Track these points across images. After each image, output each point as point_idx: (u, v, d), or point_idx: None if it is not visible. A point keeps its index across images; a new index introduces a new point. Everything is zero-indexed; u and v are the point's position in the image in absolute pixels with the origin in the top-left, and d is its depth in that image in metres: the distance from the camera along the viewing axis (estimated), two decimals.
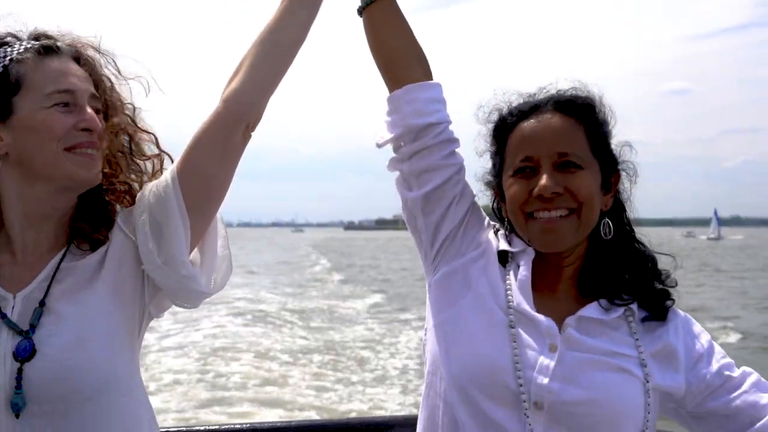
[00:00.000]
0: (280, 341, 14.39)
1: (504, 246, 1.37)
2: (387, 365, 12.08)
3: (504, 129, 1.38)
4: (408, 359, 12.47)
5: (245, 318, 17.40)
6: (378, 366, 12.04)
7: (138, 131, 1.42)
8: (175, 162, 1.34)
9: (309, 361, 12.43)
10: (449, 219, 1.40)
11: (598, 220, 1.32)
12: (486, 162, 1.45)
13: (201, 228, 1.36)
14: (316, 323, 17.24)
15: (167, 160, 1.45)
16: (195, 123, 1.36)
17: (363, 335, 15.41)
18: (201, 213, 1.33)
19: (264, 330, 15.79)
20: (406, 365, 11.99)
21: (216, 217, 1.40)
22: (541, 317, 1.27)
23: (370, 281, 29.68)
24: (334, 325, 16.96)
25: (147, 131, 1.43)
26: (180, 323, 15.48)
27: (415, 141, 1.39)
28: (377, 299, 22.34)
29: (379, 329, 16.18)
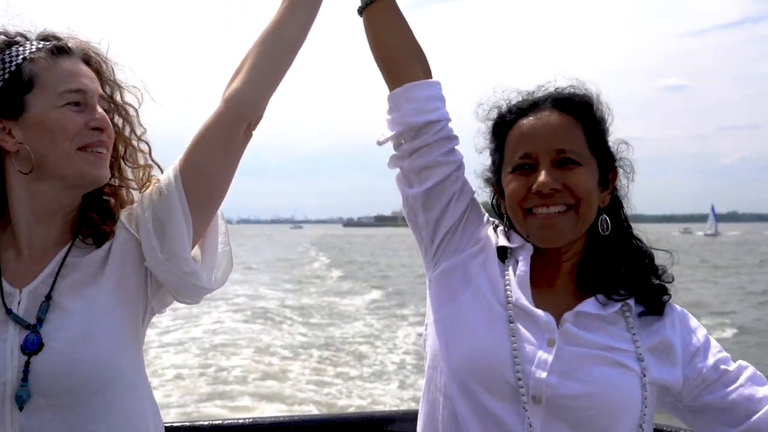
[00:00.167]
0: (279, 337, 14.41)
1: (503, 242, 1.39)
2: (385, 360, 12.13)
3: (503, 126, 1.39)
4: (405, 354, 12.52)
5: (245, 314, 17.41)
6: (376, 361, 12.08)
7: (135, 138, 1.43)
8: (178, 160, 1.35)
9: (309, 356, 12.47)
10: (449, 215, 1.41)
11: (595, 216, 1.33)
12: (485, 159, 1.46)
13: (203, 225, 1.38)
14: (315, 319, 17.25)
15: (156, 170, 1.44)
16: (195, 122, 1.37)
17: (362, 331, 15.44)
18: (203, 210, 1.35)
19: (263, 326, 15.81)
20: (403, 360, 12.04)
21: (217, 214, 1.42)
22: (540, 312, 1.28)
23: (369, 278, 29.68)
24: (333, 321, 16.98)
25: (144, 140, 1.44)
26: (180, 319, 15.50)
27: (416, 138, 1.40)
28: (376, 296, 22.34)
29: (378, 325, 16.21)
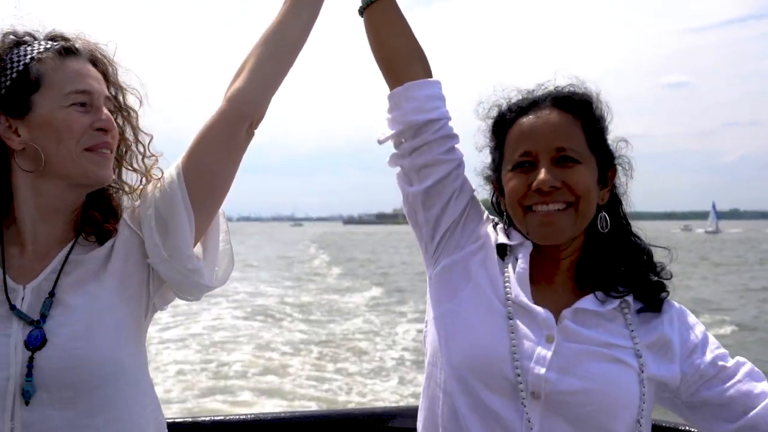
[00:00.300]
0: (279, 334, 14.44)
1: (503, 239, 1.40)
2: (385, 356, 12.19)
3: (503, 124, 1.40)
4: (404, 350, 12.60)
5: (245, 311, 17.44)
6: (375, 357, 12.14)
7: (135, 140, 1.44)
8: (180, 159, 1.36)
9: (308, 353, 12.53)
10: (449, 213, 1.42)
11: (594, 213, 1.34)
12: (485, 157, 1.47)
13: (205, 222, 1.39)
14: (315, 316, 17.27)
15: (157, 170, 1.44)
16: (195, 121, 1.37)
17: (361, 327, 15.48)
18: (205, 208, 1.36)
19: (264, 323, 15.84)
20: (402, 356, 12.11)
21: (218, 213, 1.43)
22: (539, 309, 1.29)
23: (369, 275, 29.70)
24: (333, 318, 17.01)
25: (142, 142, 1.45)
26: (180, 316, 15.55)
27: (416, 137, 1.41)
28: (376, 293, 22.37)
29: (378, 321, 16.25)
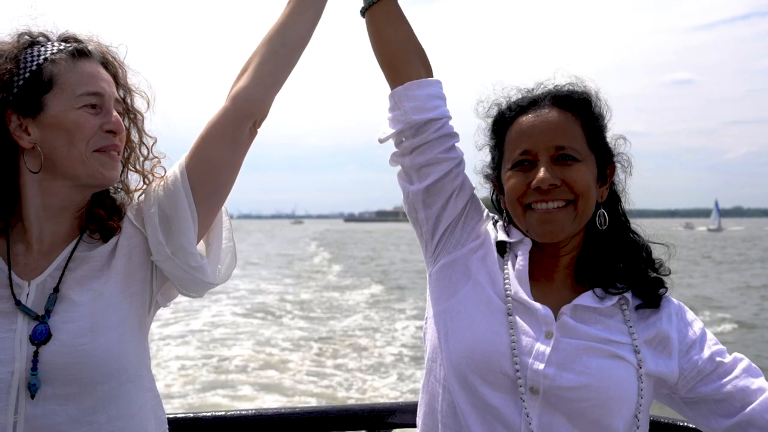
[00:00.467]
0: (279, 331, 14.49)
1: (502, 237, 1.41)
2: (384, 353, 12.28)
3: (503, 123, 1.41)
4: (403, 347, 12.69)
5: (245, 308, 17.48)
6: (375, 353, 12.23)
7: (140, 143, 1.45)
8: (184, 157, 1.38)
9: (308, 349, 12.59)
10: (449, 211, 1.43)
11: (594, 210, 1.36)
12: (485, 156, 1.48)
13: (208, 220, 1.40)
14: (315, 313, 17.31)
15: (159, 169, 1.46)
16: (196, 120, 1.38)
17: (361, 324, 15.52)
18: (208, 206, 1.38)
19: (264, 321, 15.88)
20: (401, 352, 12.23)
21: (221, 211, 1.45)
22: (538, 305, 1.30)
23: (369, 273, 29.73)
24: (333, 315, 17.05)
25: (146, 145, 1.46)
26: (181, 312, 15.61)
27: (416, 136, 1.42)
28: (375, 290, 22.41)
29: (377, 318, 16.30)
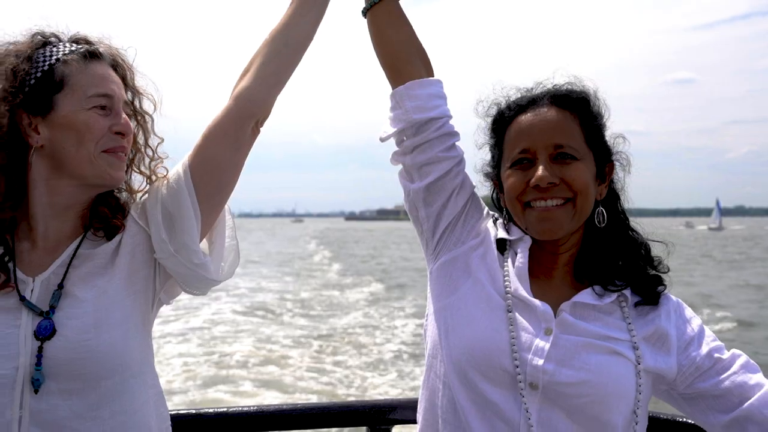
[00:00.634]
0: (280, 329, 14.52)
1: (502, 234, 1.42)
2: (383, 350, 12.36)
3: (502, 122, 1.42)
4: (402, 344, 12.76)
5: (246, 306, 17.51)
6: (374, 351, 12.29)
7: (147, 146, 1.47)
8: (187, 156, 1.40)
9: (308, 346, 12.64)
10: (450, 209, 1.45)
11: (592, 208, 1.37)
12: (485, 154, 1.49)
13: (211, 218, 1.42)
14: (315, 311, 17.34)
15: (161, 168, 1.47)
16: (198, 120, 1.39)
17: (361, 321, 15.56)
18: (211, 204, 1.39)
19: (264, 319, 15.91)
20: (400, 349, 12.31)
21: (225, 209, 1.46)
22: (537, 302, 1.32)
23: (370, 271, 29.75)
24: (334, 312, 17.08)
25: (151, 147, 1.47)
26: (181, 309, 15.67)
27: (417, 135, 1.44)
28: (375, 289, 22.43)
29: (377, 316, 16.34)
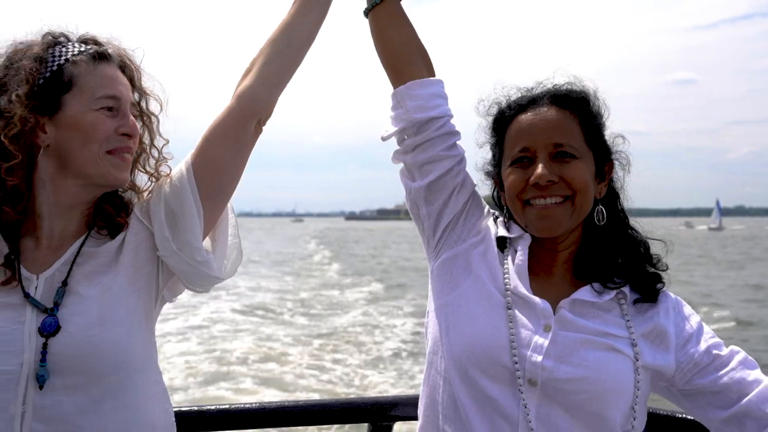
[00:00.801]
0: (280, 328, 14.55)
1: (502, 232, 1.44)
2: (382, 348, 12.43)
3: (503, 121, 1.44)
4: (402, 343, 12.83)
5: (246, 305, 17.53)
6: (373, 349, 12.36)
7: (151, 145, 1.48)
8: (190, 154, 1.41)
9: (308, 345, 12.68)
10: (450, 207, 1.46)
11: (592, 207, 1.38)
12: (486, 153, 1.51)
13: (214, 216, 1.43)
14: (315, 311, 17.36)
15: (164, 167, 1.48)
16: (201, 120, 1.40)
17: (360, 320, 15.60)
18: (214, 202, 1.40)
19: (264, 318, 15.94)
20: (399, 347, 12.39)
21: (227, 208, 1.47)
22: (537, 299, 1.33)
23: (370, 270, 29.78)
24: (334, 311, 17.10)
25: (156, 147, 1.48)
26: (180, 308, 15.69)
27: (418, 134, 1.45)
28: (375, 288, 22.46)
29: (376, 314, 16.38)
